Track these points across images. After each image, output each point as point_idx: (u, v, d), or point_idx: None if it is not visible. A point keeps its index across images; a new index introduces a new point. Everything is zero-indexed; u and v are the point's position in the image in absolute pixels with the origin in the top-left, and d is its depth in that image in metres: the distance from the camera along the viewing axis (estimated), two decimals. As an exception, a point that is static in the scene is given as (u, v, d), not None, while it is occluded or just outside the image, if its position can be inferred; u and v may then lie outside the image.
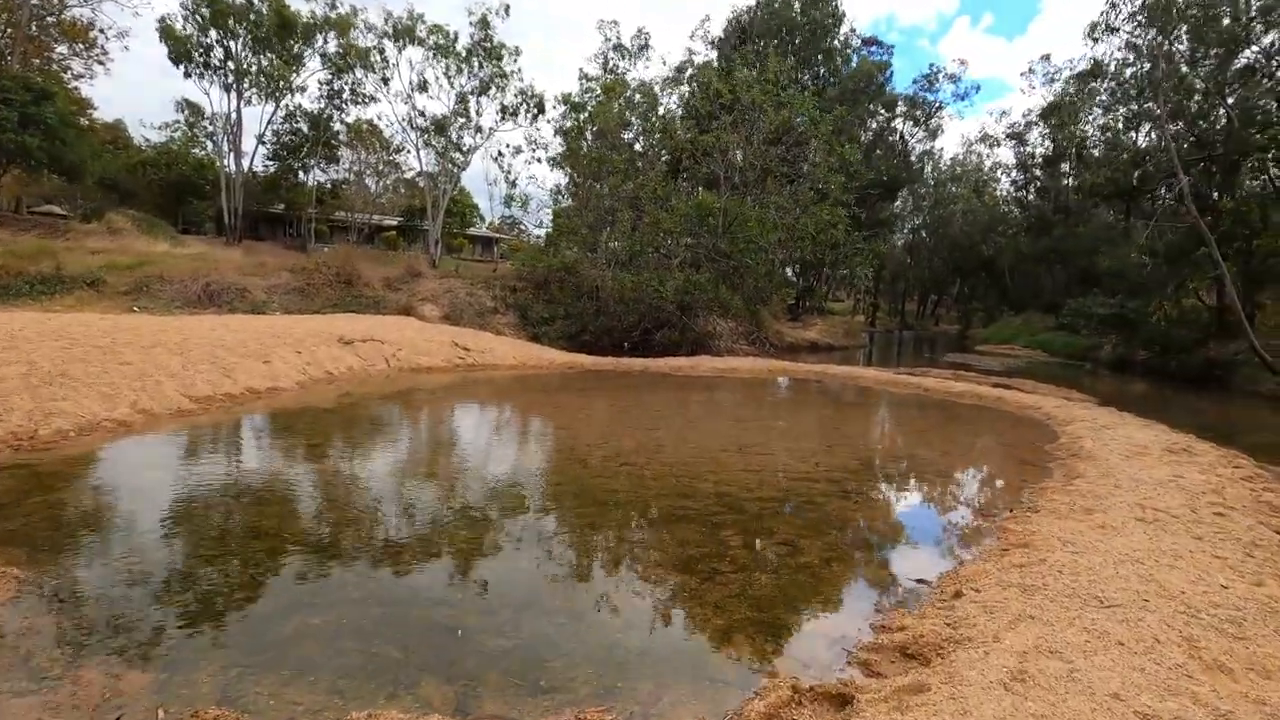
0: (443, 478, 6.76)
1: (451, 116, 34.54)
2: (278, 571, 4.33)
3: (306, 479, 6.40)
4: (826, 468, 7.93)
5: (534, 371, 15.70)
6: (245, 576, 4.23)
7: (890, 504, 6.84)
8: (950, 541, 5.69)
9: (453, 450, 7.95)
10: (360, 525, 5.27)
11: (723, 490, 6.68)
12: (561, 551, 4.96)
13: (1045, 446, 10.00)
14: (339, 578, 4.28)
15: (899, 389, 16.43)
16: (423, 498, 6.07)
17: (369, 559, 4.60)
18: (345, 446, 7.79)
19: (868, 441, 9.75)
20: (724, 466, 7.64)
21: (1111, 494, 6.77)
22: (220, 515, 5.29)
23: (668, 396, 13.19)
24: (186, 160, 43.80)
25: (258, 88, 36.22)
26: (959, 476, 8.14)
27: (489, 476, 6.92)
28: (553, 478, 6.98)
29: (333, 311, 17.45)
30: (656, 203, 22.20)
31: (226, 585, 4.11)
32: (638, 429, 9.60)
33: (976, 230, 58.65)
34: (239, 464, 6.79)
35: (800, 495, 6.76)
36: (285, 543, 4.77)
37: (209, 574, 4.24)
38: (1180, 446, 9.93)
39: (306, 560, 4.50)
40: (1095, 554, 4.87)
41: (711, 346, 21.50)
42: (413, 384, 12.72)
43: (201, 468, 6.52)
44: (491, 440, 8.70)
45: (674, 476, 7.12)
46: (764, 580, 4.55)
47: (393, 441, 8.25)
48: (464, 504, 5.90)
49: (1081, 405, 14.48)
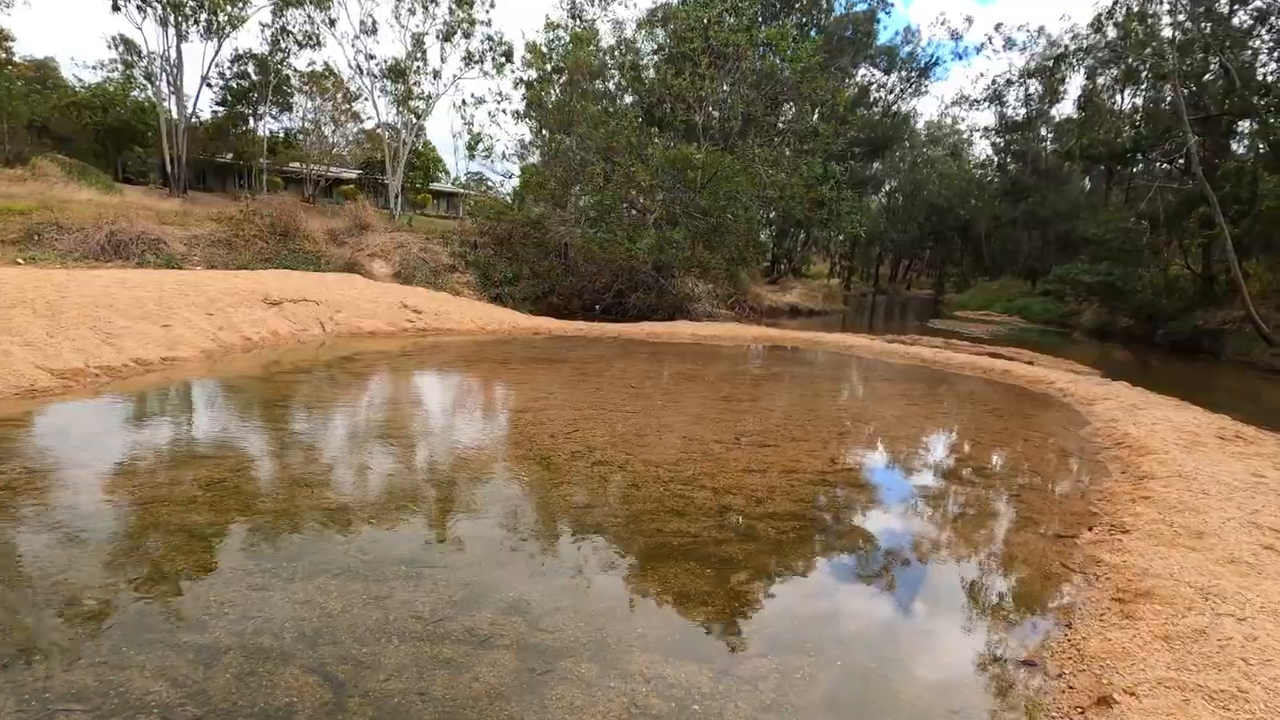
0: (346, 492, 5.08)
1: (408, 61, 31.68)
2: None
3: (109, 517, 4.64)
4: (844, 464, 6.46)
5: (493, 337, 13.94)
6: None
7: (937, 520, 5.39)
8: (1036, 583, 4.25)
9: (375, 444, 6.26)
10: (169, 580, 3.60)
11: (725, 502, 5.16)
12: (495, 631, 3.36)
13: (1080, 432, 8.71)
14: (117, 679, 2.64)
15: (897, 360, 15.09)
16: (299, 536, 4.40)
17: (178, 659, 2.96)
18: (219, 442, 6.04)
19: (883, 426, 8.33)
20: (721, 465, 6.12)
21: (1203, 503, 5.43)
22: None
23: (644, 369, 11.60)
24: (124, 103, 39.91)
25: (196, 23, 32.67)
26: (1002, 473, 6.75)
27: (416, 488, 5.27)
28: (505, 488, 5.37)
29: (264, 267, 15.33)
30: (630, 152, 20.24)
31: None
32: (613, 412, 8.00)
33: (953, 194, 57.56)
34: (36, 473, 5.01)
35: (823, 508, 5.27)
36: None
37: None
38: (1231, 433, 8.73)
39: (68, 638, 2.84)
40: (1263, 615, 3.47)
41: (690, 310, 19.90)
42: (350, 351, 10.88)
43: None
44: (429, 431, 7.02)
45: (660, 481, 5.57)
46: (805, 669, 3.05)
47: (291, 435, 6.50)
48: (366, 541, 4.26)
49: (1093, 380, 13.33)
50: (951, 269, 67.31)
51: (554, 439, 6.64)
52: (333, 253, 17.34)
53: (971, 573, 4.41)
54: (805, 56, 22.34)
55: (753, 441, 7.04)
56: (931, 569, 4.42)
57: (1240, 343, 22.76)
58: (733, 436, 7.18)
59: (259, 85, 37.55)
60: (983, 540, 4.96)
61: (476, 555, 4.02)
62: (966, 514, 5.51)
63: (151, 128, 37.21)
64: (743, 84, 23.24)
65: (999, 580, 4.33)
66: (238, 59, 37.16)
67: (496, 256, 20.05)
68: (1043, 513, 5.56)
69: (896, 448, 7.37)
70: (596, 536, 4.41)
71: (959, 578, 4.32)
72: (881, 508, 5.44)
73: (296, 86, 41.31)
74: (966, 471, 6.69)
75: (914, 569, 4.38)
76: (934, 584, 4.19)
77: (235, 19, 33.36)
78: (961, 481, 6.33)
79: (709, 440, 6.97)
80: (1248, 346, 22.17)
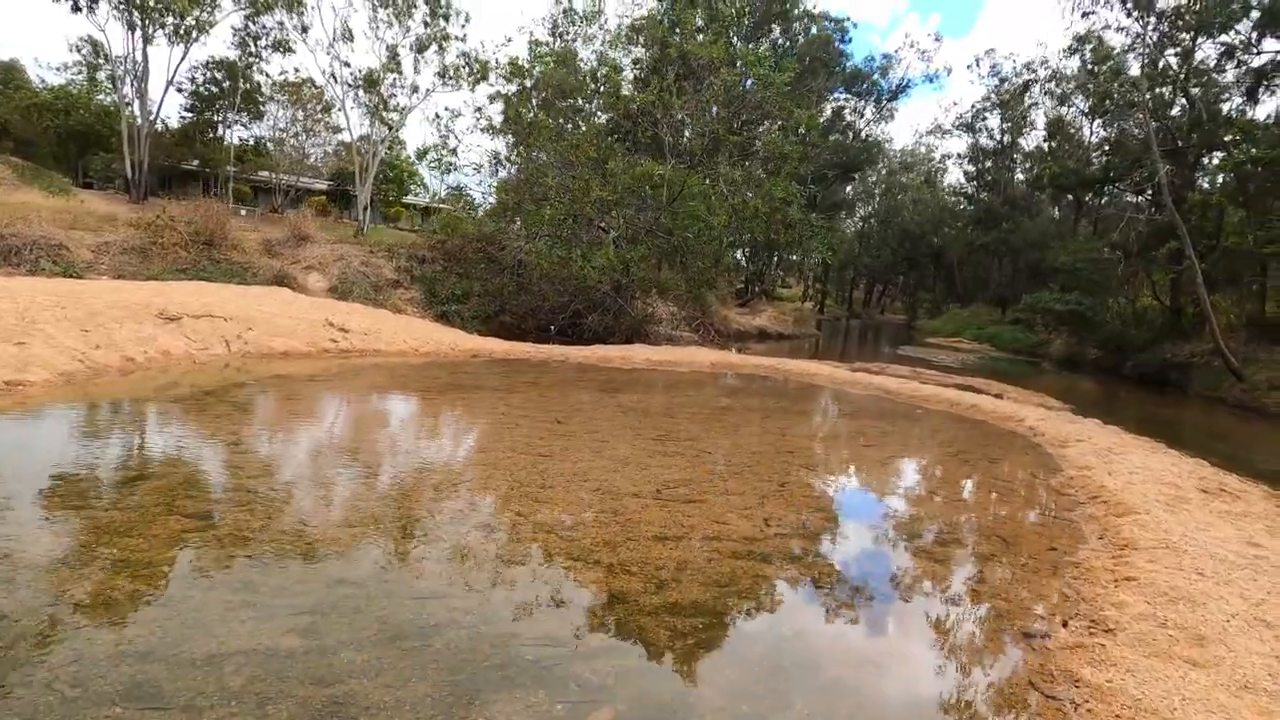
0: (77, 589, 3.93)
1: (382, 71, 30.73)
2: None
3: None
4: (781, 528, 5.45)
5: (425, 360, 12.80)
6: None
7: (882, 615, 4.39)
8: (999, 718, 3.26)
9: (186, 502, 5.11)
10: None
11: (618, 587, 4.11)
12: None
13: (1052, 481, 7.84)
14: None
15: (859, 390, 14.25)
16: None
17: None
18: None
19: (831, 474, 7.36)
20: (630, 529, 5.07)
21: (1198, 588, 4.51)
22: None
23: (580, 400, 10.55)
24: (88, 106, 38.30)
25: (162, 27, 31.37)
26: (963, 540, 5.80)
27: (184, 583, 4.14)
28: (330, 569, 4.26)
29: (179, 278, 14.05)
30: (591, 165, 19.34)
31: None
32: (524, 455, 6.94)
33: (926, 220, 57.83)
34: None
35: (742, 595, 4.24)
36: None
37: None
38: (1214, 484, 7.92)
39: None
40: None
41: (649, 333, 18.94)
42: (248, 376, 9.68)
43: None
44: (270, 486, 5.88)
45: (546, 552, 4.51)
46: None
47: (77, 523, 5.32)
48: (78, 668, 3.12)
49: (1063, 417, 12.60)
50: (924, 295, 67.56)
51: (436, 493, 5.55)
52: (263, 264, 16.06)
53: (920, 707, 3.40)
54: (780, 79, 21.78)
55: (677, 495, 6.02)
56: (866, 698, 3.41)
57: (1208, 377, 22.42)
58: (655, 489, 6.16)
59: (228, 92, 36.27)
60: (936, 647, 3.96)
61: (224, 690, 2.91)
62: (917, 602, 4.52)
63: (115, 132, 35.71)
64: (713, 101, 22.57)
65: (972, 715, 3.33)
66: (208, 65, 35.90)
67: (446, 272, 18.91)
68: (1009, 598, 4.59)
69: (843, 505, 6.39)
70: (420, 649, 3.32)
71: (903, 712, 3.31)
72: (814, 594, 4.42)
73: (268, 95, 40.12)
74: (921, 538, 5.72)
75: (845, 699, 3.37)
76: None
77: (203, 24, 32.18)
78: (915, 553, 5.36)
79: (625, 493, 5.93)
80: (1215, 381, 21.82)
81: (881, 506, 6.43)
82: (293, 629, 3.36)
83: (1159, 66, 23.71)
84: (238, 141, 40.88)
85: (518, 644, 3.40)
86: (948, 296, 60.93)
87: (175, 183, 42.14)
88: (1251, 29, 21.86)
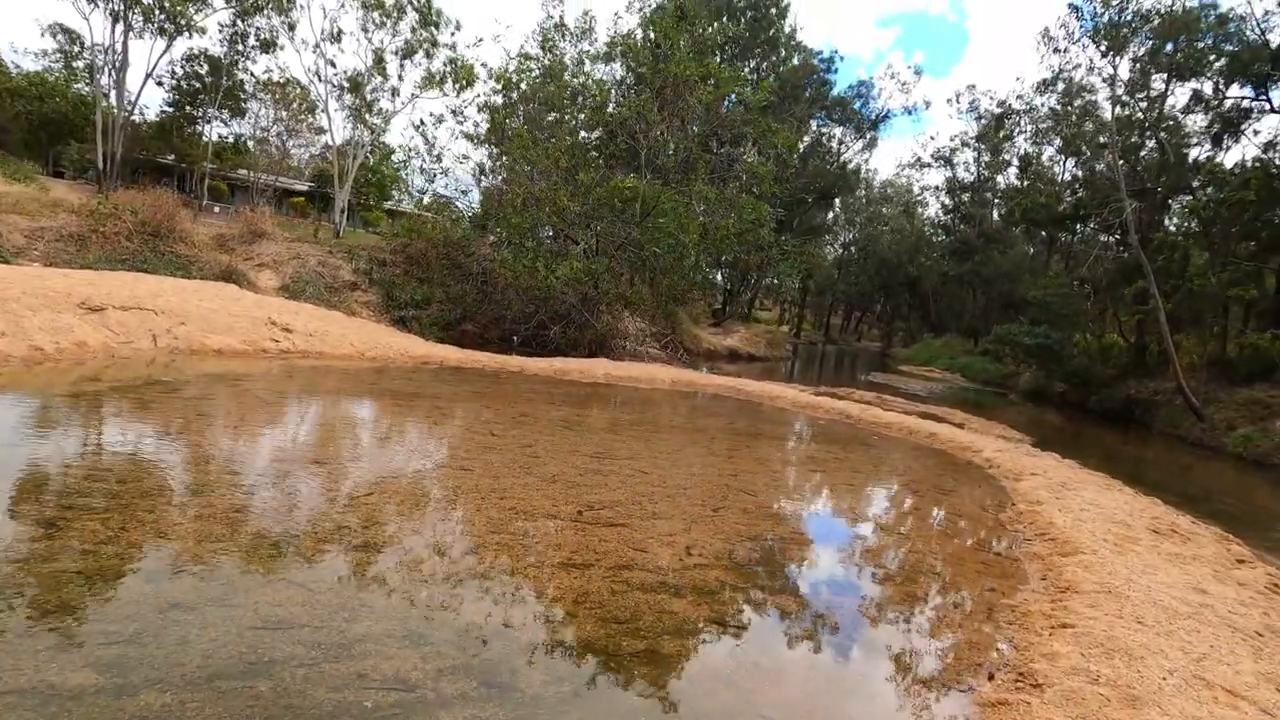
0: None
1: (366, 74, 30.38)
2: None
3: None
4: (703, 557, 5.05)
5: (370, 365, 12.27)
6: None
7: (788, 665, 4.00)
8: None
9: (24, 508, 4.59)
10: None
11: (500, 621, 3.68)
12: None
13: (1001, 516, 7.55)
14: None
15: (820, 415, 13.97)
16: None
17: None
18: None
19: (771, 499, 6.99)
20: (536, 553, 4.65)
21: (1137, 640, 4.19)
22: None
23: (522, 412, 10.12)
24: (65, 94, 37.33)
25: (149, 20, 30.74)
26: (899, 577, 5.45)
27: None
28: (175, 587, 3.78)
29: (118, 268, 13.40)
30: (562, 176, 19.04)
31: None
32: (445, 469, 6.50)
33: (904, 250, 58.44)
34: None
35: (639, 632, 3.82)
36: None
37: None
38: (1166, 524, 7.69)
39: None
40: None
41: (614, 348, 18.56)
42: (173, 372, 9.11)
43: None
44: (145, 490, 5.37)
45: (430, 579, 4.07)
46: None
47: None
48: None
49: (1022, 449, 12.40)
50: (900, 323, 68.16)
51: (323, 509, 5.06)
52: (211, 259, 15.41)
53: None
54: (757, 98, 21.74)
55: (599, 518, 5.60)
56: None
57: (1171, 415, 22.56)
58: (577, 510, 5.73)
59: (210, 87, 35.59)
60: (845, 700, 3.58)
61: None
62: (832, 650, 4.14)
63: (90, 122, 34.80)
64: (690, 119, 22.48)
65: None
66: (191, 58, 35.12)
67: (407, 276, 18.38)
68: (936, 645, 4.23)
69: (776, 532, 6.01)
70: (239, 690, 2.85)
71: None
72: (718, 638, 4.02)
73: (251, 92, 39.49)
74: (853, 575, 5.36)
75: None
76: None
77: (192, 25, 31.64)
78: (844, 590, 4.99)
79: (543, 514, 5.50)
80: (1177, 419, 21.95)
81: (816, 538, 6.06)
82: (93, 663, 2.87)
83: (1129, 109, 24.13)
84: (217, 138, 40.20)
85: (359, 687, 2.95)
86: (922, 326, 61.49)
87: (150, 176, 41.29)
88: (1219, 75, 22.33)
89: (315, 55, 35.02)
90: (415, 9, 30.03)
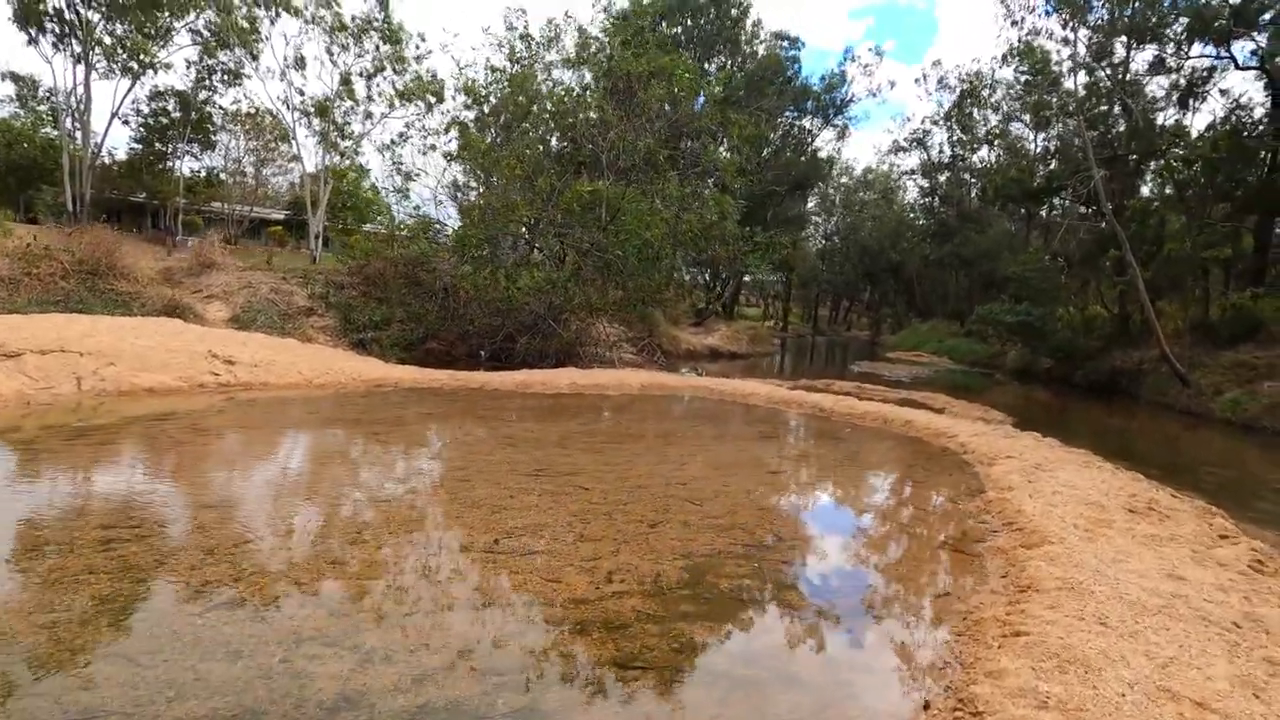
0: None
1: (335, 99, 30.00)
2: None
3: None
4: (622, 584, 4.56)
5: (319, 392, 11.75)
6: None
7: (696, 702, 3.51)
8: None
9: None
10: None
11: (358, 685, 3.18)
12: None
13: (969, 505, 7.09)
14: None
15: (791, 410, 13.51)
16: None
17: None
18: None
19: (716, 512, 6.49)
20: (430, 592, 4.16)
21: (1098, 646, 3.72)
22: None
23: (470, 432, 9.64)
24: (32, 140, 36.87)
25: (112, 60, 30.38)
26: (844, 586, 4.97)
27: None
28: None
29: (55, 310, 12.85)
30: (520, 183, 18.59)
31: None
32: (360, 499, 6.02)
33: (885, 236, 58.18)
34: None
35: (524, 687, 3.33)
36: None
37: None
38: (1144, 501, 7.24)
39: None
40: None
41: (584, 355, 18.08)
42: (92, 417, 8.57)
43: None
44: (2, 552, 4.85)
45: (296, 630, 3.56)
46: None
47: None
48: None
49: (1000, 431, 11.94)
50: (887, 310, 67.86)
51: (197, 555, 4.55)
52: (154, 294, 14.85)
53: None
54: (712, 89, 21.33)
55: (517, 546, 5.11)
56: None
57: (1158, 383, 22.18)
58: (494, 538, 5.24)
59: (178, 123, 35.27)
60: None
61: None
62: (751, 684, 3.65)
63: (59, 165, 34.40)
64: (647, 116, 22.06)
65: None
66: (156, 95, 34.81)
67: (365, 298, 17.85)
68: (876, 669, 3.75)
69: (715, 546, 5.50)
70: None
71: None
72: (615, 686, 3.53)
73: (220, 124, 39.13)
74: (794, 588, 4.87)
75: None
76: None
77: (155, 63, 31.26)
78: (779, 608, 4.50)
79: (452, 547, 5.01)
80: (1164, 387, 21.57)
81: (756, 551, 5.56)
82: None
83: (1093, 76, 23.84)
84: (189, 172, 39.84)
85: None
86: (909, 311, 61.20)
87: (125, 215, 40.81)
88: (1182, 33, 22.05)
89: (282, 83, 34.64)
90: (376, 29, 29.75)
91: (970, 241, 44.03)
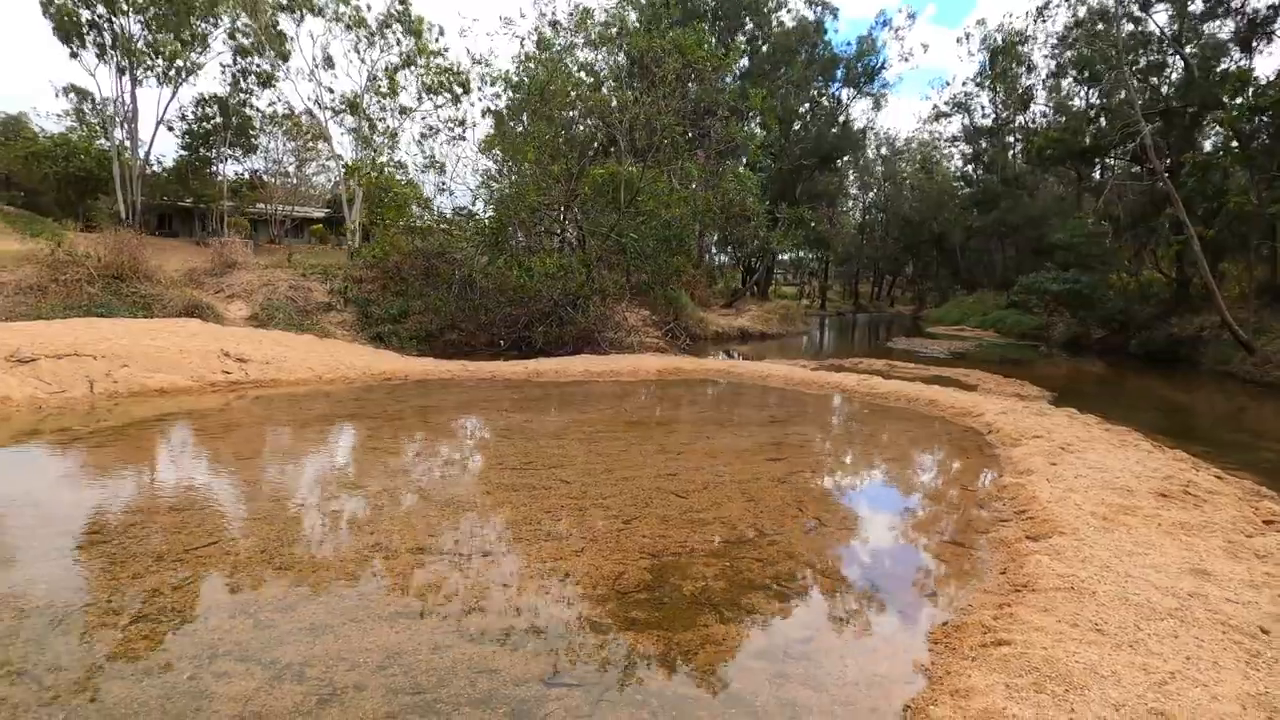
0: None
1: (364, 94, 30.46)
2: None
3: None
4: (576, 589, 4.28)
5: (328, 387, 11.80)
6: None
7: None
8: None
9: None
10: None
11: (262, 706, 2.98)
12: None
13: (983, 492, 6.58)
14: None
15: (810, 391, 12.99)
16: None
17: None
18: None
19: (699, 505, 6.14)
20: (363, 601, 3.96)
21: (1083, 657, 3.27)
22: None
23: (465, 425, 9.51)
24: (88, 152, 38.68)
25: (152, 70, 31.63)
26: (828, 586, 4.59)
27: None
28: None
29: (79, 315, 13.25)
30: (538, 168, 18.33)
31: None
32: (326, 499, 5.90)
33: (926, 207, 55.94)
34: None
35: (443, 706, 3.08)
36: None
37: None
38: (1179, 483, 6.58)
39: None
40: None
41: (601, 340, 17.82)
42: (92, 420, 8.73)
43: None
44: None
45: (213, 647, 3.40)
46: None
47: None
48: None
49: (1033, 408, 11.20)
50: (929, 284, 65.47)
51: (145, 564, 4.45)
52: (176, 295, 15.21)
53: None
54: (728, 61, 20.61)
55: (474, 547, 4.89)
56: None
57: (1220, 350, 20.71)
58: (454, 540, 5.03)
59: (219, 128, 36.52)
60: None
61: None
62: (696, 701, 3.32)
63: (113, 175, 36.04)
64: (667, 93, 21.51)
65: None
66: (199, 102, 36.12)
67: (384, 291, 17.96)
68: (839, 687, 3.37)
69: (689, 543, 5.16)
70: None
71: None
72: (547, 701, 3.25)
73: (260, 127, 40.32)
74: (768, 588, 4.50)
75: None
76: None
77: (192, 65, 32.34)
78: (748, 612, 4.15)
79: (403, 549, 4.81)
80: (1227, 354, 20.12)
81: (735, 543, 5.21)
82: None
83: (1139, 25, 22.13)
84: (233, 175, 41.15)
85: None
86: (953, 283, 58.90)
87: (176, 220, 42.55)
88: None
89: (311, 83, 35.42)
90: (398, 20, 29.92)
91: (1017, 208, 41.92)
